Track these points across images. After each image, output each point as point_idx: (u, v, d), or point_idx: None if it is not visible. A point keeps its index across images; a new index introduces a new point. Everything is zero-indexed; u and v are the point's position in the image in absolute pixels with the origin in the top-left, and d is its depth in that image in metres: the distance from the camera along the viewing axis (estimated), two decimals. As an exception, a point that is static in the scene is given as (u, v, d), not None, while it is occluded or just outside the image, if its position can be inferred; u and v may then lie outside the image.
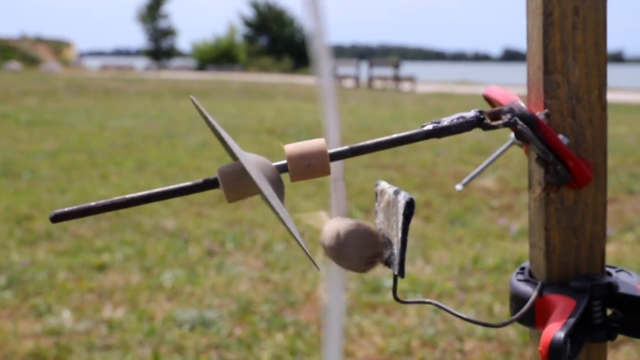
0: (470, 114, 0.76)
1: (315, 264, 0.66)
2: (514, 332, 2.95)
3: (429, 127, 0.76)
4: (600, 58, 0.81)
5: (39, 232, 4.46)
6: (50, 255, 4.00)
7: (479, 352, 2.83)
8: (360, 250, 0.74)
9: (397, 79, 22.11)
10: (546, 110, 0.81)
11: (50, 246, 4.17)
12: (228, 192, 0.71)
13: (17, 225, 4.65)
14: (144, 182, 6.11)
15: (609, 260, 3.87)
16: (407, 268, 3.76)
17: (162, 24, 61.80)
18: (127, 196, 0.71)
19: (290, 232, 0.66)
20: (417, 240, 4.32)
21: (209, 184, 0.72)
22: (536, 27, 0.82)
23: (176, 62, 58.60)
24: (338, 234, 0.74)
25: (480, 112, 0.76)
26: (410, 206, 0.72)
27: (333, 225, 0.76)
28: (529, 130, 0.77)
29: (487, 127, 0.76)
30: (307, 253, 0.65)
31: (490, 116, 0.77)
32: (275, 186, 0.71)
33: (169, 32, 62.09)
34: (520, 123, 0.76)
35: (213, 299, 3.39)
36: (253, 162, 0.70)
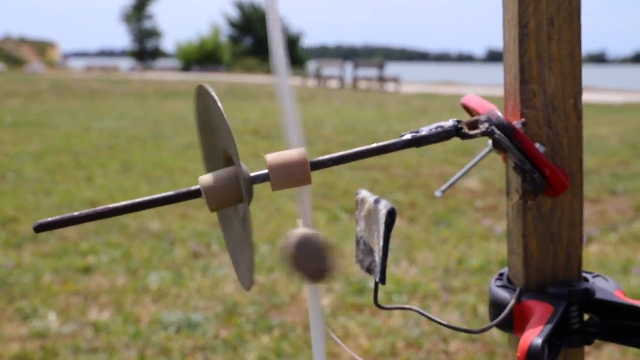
0: (449, 123, 0.77)
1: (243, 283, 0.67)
2: (497, 334, 2.96)
3: (408, 136, 0.77)
4: (575, 68, 0.82)
5: (24, 235, 4.45)
6: (36, 258, 4.00)
7: (463, 353, 2.85)
8: (308, 263, 0.74)
9: (381, 79, 22.14)
10: (523, 120, 0.82)
11: (36, 248, 4.17)
12: (210, 201, 0.72)
13: (2, 228, 4.64)
14: (129, 184, 6.10)
15: (592, 261, 3.90)
16: (392, 269, 3.77)
17: (147, 24, 61.61)
18: (111, 205, 0.72)
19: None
20: (401, 241, 4.33)
21: (191, 194, 0.73)
22: (512, 38, 0.83)
23: (161, 62, 58.48)
24: (290, 245, 0.75)
25: (458, 121, 0.78)
26: (391, 215, 0.73)
27: (289, 236, 0.77)
28: (506, 139, 0.78)
29: (465, 137, 0.77)
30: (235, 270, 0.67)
31: (468, 125, 0.78)
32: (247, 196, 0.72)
33: (153, 33, 61.90)
34: (498, 132, 0.78)
35: (199, 301, 3.39)
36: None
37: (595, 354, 2.83)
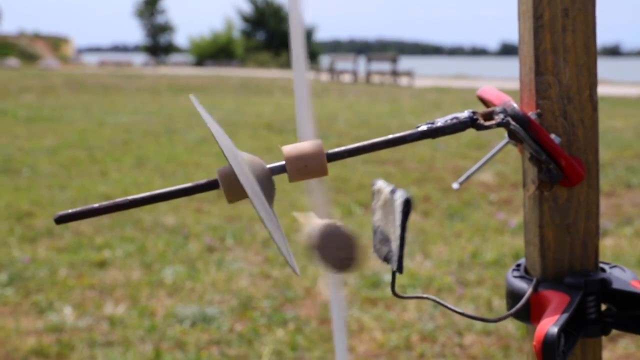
0: (464, 114, 0.78)
1: (295, 270, 0.68)
2: (512, 327, 2.97)
3: (424, 127, 0.77)
4: (590, 59, 0.83)
5: (40, 229, 4.48)
6: (51, 252, 4.02)
7: (478, 346, 2.85)
8: (334, 252, 0.74)
9: (395, 73, 22.08)
10: (538, 110, 0.82)
11: (51, 243, 4.19)
12: (228, 193, 0.73)
13: (18, 222, 4.66)
14: (144, 178, 6.12)
15: (607, 254, 3.89)
16: (407, 263, 3.77)
17: (160, 19, 61.74)
18: (130, 197, 0.73)
19: (272, 237, 0.67)
20: (416, 234, 4.33)
21: (209, 185, 0.74)
22: (527, 29, 0.83)
23: (174, 57, 58.54)
24: (313, 235, 0.75)
25: (474, 112, 0.78)
26: (407, 204, 0.73)
27: (311, 226, 0.78)
28: (522, 130, 0.78)
29: (480, 128, 0.77)
30: (287, 259, 0.67)
31: (483, 116, 0.79)
32: (265, 188, 0.73)
33: (166, 28, 62.01)
34: (513, 123, 0.78)
35: (213, 294, 3.41)
36: (245, 163, 0.72)
37: (611, 347, 2.83)
